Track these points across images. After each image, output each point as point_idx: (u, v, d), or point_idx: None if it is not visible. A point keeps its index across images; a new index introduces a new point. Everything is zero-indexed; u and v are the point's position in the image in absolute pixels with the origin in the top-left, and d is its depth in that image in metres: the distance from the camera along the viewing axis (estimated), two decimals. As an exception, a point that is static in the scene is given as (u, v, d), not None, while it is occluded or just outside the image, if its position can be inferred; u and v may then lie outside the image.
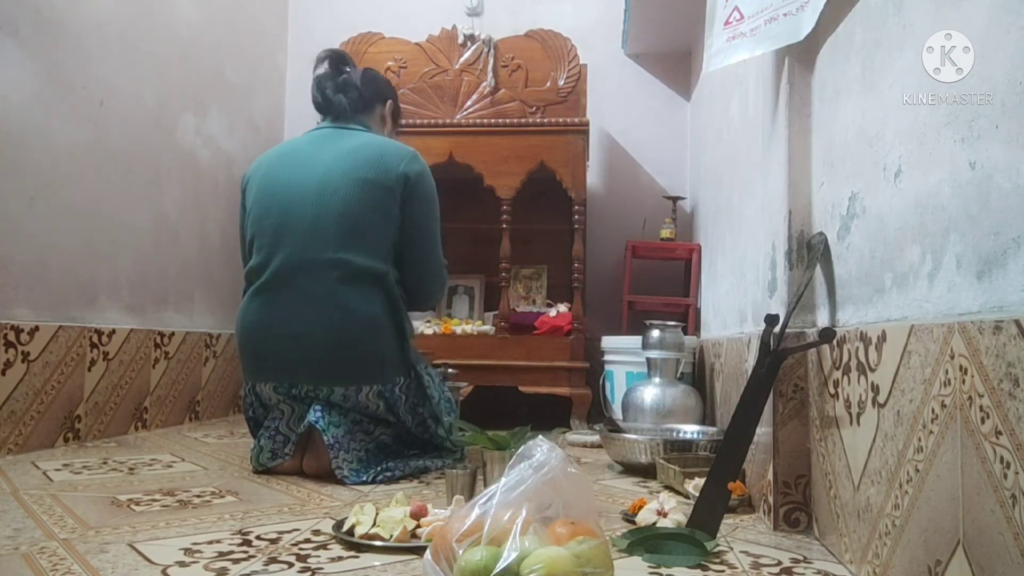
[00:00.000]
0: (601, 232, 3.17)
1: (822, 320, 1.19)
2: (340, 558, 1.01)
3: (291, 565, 0.97)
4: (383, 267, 1.64)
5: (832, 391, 1.08)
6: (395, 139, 1.89)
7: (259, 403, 1.70)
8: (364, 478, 1.57)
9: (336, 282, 1.60)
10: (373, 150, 1.69)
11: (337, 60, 1.82)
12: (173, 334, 2.47)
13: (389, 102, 1.88)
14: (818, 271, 1.18)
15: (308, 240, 1.61)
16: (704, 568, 0.99)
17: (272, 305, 1.63)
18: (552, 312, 2.71)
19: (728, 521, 1.23)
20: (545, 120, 2.65)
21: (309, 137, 1.77)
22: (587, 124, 2.65)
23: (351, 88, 1.78)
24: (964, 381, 0.70)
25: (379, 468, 1.60)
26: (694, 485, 1.35)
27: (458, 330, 2.64)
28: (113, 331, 2.14)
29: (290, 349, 1.60)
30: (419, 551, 1.00)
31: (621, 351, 2.50)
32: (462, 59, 2.75)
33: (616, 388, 2.47)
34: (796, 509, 1.19)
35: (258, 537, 1.10)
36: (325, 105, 1.79)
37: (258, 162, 1.77)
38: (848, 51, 1.08)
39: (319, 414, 1.59)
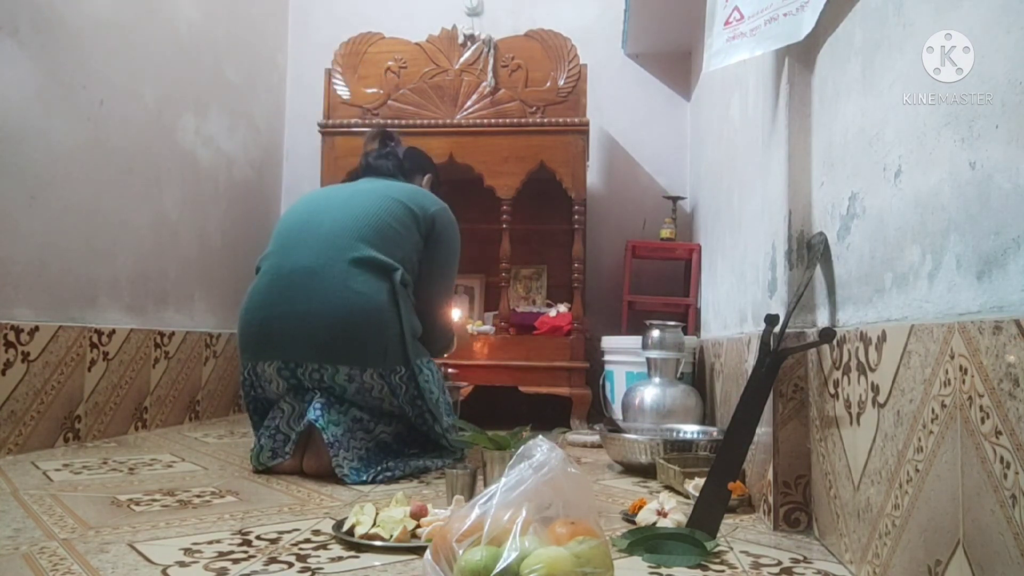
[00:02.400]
0: (601, 232, 3.17)
1: (822, 320, 1.18)
2: (340, 558, 1.01)
3: (291, 565, 0.97)
4: (393, 263, 1.69)
5: (832, 391, 1.08)
6: None
7: (258, 383, 1.71)
8: (364, 477, 1.57)
9: (345, 264, 1.66)
10: (410, 189, 1.87)
11: (385, 137, 2.04)
12: (173, 334, 2.47)
13: (428, 175, 2.06)
14: (818, 271, 1.18)
15: (326, 239, 1.69)
16: (704, 568, 0.99)
17: (279, 284, 1.68)
18: (552, 312, 2.71)
19: (728, 521, 1.23)
20: (545, 120, 2.65)
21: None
22: (587, 124, 2.66)
23: (394, 157, 1.99)
24: (964, 381, 0.70)
25: (379, 468, 1.60)
26: (694, 485, 1.35)
27: (458, 330, 2.65)
28: (113, 331, 2.14)
29: (296, 327, 1.64)
30: (419, 551, 1.01)
31: (621, 351, 2.50)
32: (462, 59, 2.75)
33: (616, 388, 2.47)
34: (796, 509, 1.19)
35: (258, 537, 1.10)
36: (368, 169, 1.97)
37: None
38: (848, 51, 1.08)
39: (318, 412, 1.59)
